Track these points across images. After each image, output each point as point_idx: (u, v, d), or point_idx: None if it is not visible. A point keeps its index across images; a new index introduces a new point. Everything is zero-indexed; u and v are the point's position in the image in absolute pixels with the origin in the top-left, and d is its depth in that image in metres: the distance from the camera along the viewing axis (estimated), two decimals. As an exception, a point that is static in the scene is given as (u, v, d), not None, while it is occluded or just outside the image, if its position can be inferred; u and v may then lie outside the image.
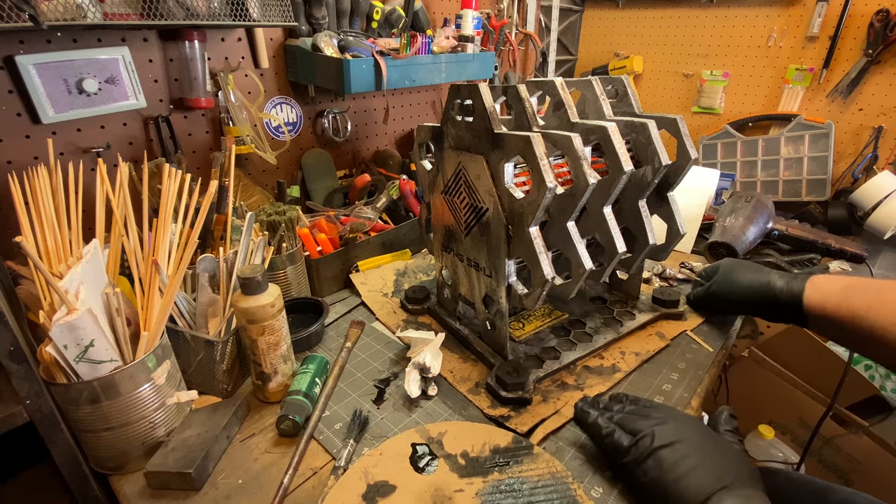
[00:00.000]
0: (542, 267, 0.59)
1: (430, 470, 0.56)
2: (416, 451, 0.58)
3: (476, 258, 0.71)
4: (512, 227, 0.62)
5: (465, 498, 0.52)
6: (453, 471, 0.55)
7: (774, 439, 1.40)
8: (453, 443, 0.59)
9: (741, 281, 0.77)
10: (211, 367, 0.66)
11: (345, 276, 0.96)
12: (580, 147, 0.58)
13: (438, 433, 0.60)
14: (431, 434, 0.60)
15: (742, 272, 0.78)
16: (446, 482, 0.54)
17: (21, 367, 0.51)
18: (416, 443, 0.59)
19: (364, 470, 0.55)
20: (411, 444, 0.59)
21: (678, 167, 0.72)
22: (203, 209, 0.66)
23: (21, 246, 0.46)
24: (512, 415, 0.64)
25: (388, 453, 0.58)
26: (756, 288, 0.74)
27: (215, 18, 0.79)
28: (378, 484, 0.54)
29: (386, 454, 0.58)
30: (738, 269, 0.79)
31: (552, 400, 0.66)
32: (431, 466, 0.56)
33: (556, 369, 0.71)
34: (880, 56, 1.42)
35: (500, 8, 1.57)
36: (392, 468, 0.56)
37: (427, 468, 0.56)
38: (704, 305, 0.84)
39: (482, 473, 0.55)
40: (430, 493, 0.53)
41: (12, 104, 0.77)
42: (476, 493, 0.53)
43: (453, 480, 0.54)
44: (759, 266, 0.79)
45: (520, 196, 0.60)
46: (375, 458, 0.57)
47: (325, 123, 1.20)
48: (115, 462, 0.56)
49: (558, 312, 0.84)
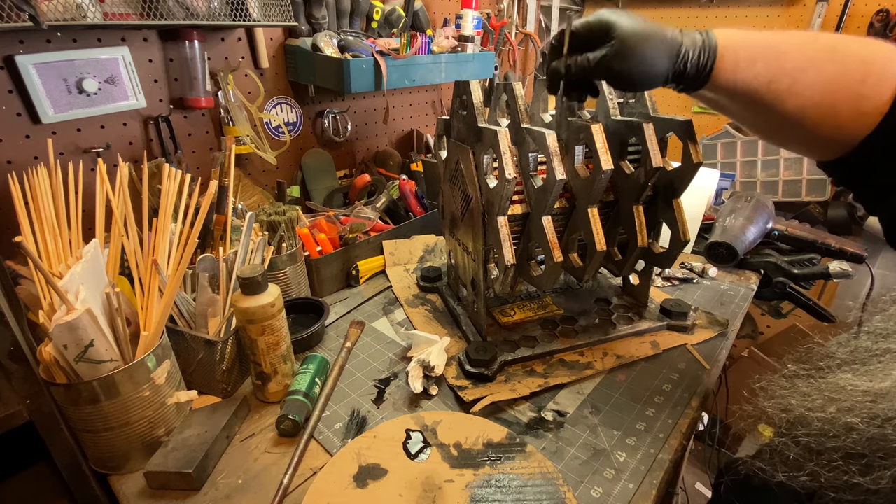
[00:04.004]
0: (504, 253, 0.64)
1: (422, 457, 0.56)
2: (409, 437, 0.59)
3: (467, 243, 0.75)
4: (487, 214, 0.67)
5: (455, 489, 0.52)
6: (445, 460, 0.56)
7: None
8: (447, 433, 0.59)
9: (655, 61, 0.50)
10: (211, 367, 0.66)
11: (345, 276, 0.96)
12: (553, 144, 0.61)
13: (433, 421, 0.61)
14: (426, 422, 0.61)
15: (653, 48, 0.50)
16: (437, 471, 0.54)
17: (21, 367, 0.51)
18: (410, 429, 0.60)
19: (357, 451, 0.56)
20: (406, 430, 0.59)
21: (682, 172, 0.69)
22: (203, 209, 0.66)
23: (21, 246, 0.46)
24: (469, 387, 0.68)
25: (382, 436, 0.58)
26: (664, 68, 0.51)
27: (215, 18, 0.79)
28: (370, 466, 0.54)
29: (380, 437, 0.58)
30: (647, 44, 0.50)
31: (513, 382, 0.69)
32: (424, 454, 0.57)
33: (527, 356, 0.73)
34: (880, 56, 1.42)
35: (500, 8, 1.57)
36: (385, 452, 0.56)
37: (420, 455, 0.57)
38: (577, 80, 0.55)
39: (474, 466, 0.55)
40: (421, 480, 0.53)
41: (12, 104, 0.77)
42: (466, 485, 0.53)
43: (444, 470, 0.55)
44: (661, 29, 0.51)
45: (493, 185, 0.64)
46: (369, 441, 0.57)
47: (325, 123, 1.20)
48: (114, 462, 0.56)
49: (554, 307, 0.85)
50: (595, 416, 0.65)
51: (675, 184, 0.71)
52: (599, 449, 0.60)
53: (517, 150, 0.68)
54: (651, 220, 0.76)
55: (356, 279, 0.96)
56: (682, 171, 0.69)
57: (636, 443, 0.61)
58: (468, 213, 0.71)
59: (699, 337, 0.80)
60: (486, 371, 0.69)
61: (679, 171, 0.69)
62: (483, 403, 0.65)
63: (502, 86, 0.71)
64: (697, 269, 1.01)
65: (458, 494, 0.52)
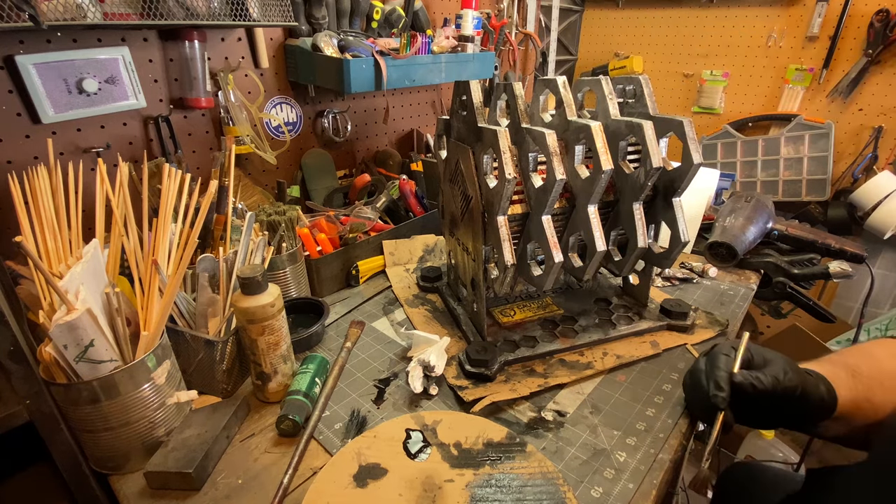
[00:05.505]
0: (504, 253, 0.64)
1: (422, 457, 0.56)
2: (409, 437, 0.59)
3: (467, 243, 0.74)
4: (487, 214, 0.67)
5: (455, 489, 0.52)
6: (445, 460, 0.56)
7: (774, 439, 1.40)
8: (448, 432, 0.59)
9: None
10: (211, 367, 0.66)
11: (345, 276, 0.96)
12: (553, 144, 0.61)
13: (433, 421, 0.61)
14: (426, 421, 0.61)
15: None
16: (437, 471, 0.54)
17: (21, 367, 0.51)
18: (410, 428, 0.60)
19: (357, 451, 0.56)
20: (406, 430, 0.59)
21: (682, 171, 0.69)
22: (203, 209, 0.66)
23: (21, 246, 0.46)
24: (469, 387, 0.68)
25: (382, 436, 0.58)
26: None
27: (215, 18, 0.79)
28: (370, 466, 0.54)
29: (380, 437, 0.58)
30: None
31: (513, 382, 0.69)
32: (424, 453, 0.57)
33: (527, 356, 0.73)
34: (880, 56, 1.42)
35: (500, 8, 1.57)
36: (385, 451, 0.56)
37: (420, 455, 0.56)
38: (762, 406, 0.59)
39: (474, 466, 0.55)
40: (421, 480, 0.53)
41: (12, 104, 0.77)
42: (466, 484, 0.53)
43: (444, 470, 0.54)
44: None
45: (493, 185, 0.65)
46: (369, 440, 0.57)
47: (325, 123, 1.20)
48: (114, 462, 0.56)
49: (554, 307, 0.85)
50: (595, 416, 0.65)
51: (675, 184, 0.71)
52: (599, 449, 0.60)
53: (517, 150, 0.68)
54: (651, 220, 0.76)
55: (356, 279, 0.96)
56: (682, 171, 0.69)
57: (636, 443, 0.61)
58: (468, 213, 0.71)
59: (699, 337, 0.80)
60: (486, 371, 0.69)
61: (679, 171, 0.69)
62: (483, 403, 0.65)
63: (502, 86, 0.71)
64: (697, 269, 1.01)
65: (459, 494, 0.52)
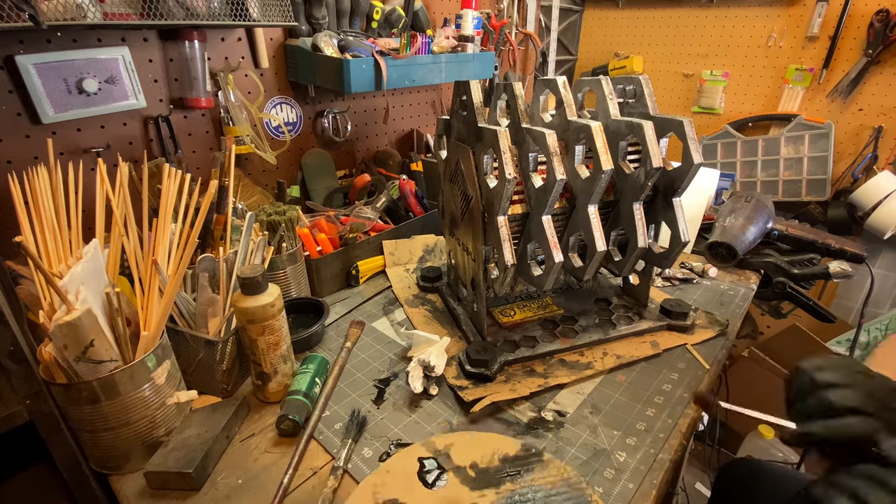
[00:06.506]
0: (504, 253, 0.64)
1: (440, 484, 0.54)
2: (423, 466, 0.56)
3: (467, 243, 0.75)
4: (487, 214, 0.67)
5: None
6: (464, 484, 0.54)
7: (774, 439, 1.40)
8: (461, 454, 0.57)
9: None
10: (211, 367, 0.66)
11: (345, 276, 0.96)
12: (553, 144, 0.61)
13: (445, 445, 0.59)
14: (438, 447, 0.59)
15: None
16: (459, 496, 0.52)
17: (21, 367, 0.51)
18: (422, 457, 0.57)
19: (372, 490, 0.53)
20: (418, 459, 0.57)
21: (682, 171, 0.69)
22: (203, 209, 0.66)
23: (21, 246, 0.46)
24: (469, 387, 0.68)
25: (394, 470, 0.56)
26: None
27: (215, 18, 0.79)
28: (388, 503, 0.52)
29: (392, 471, 0.55)
30: None
31: (513, 382, 0.69)
32: (441, 481, 0.54)
33: (527, 356, 0.73)
34: (880, 56, 1.42)
35: (500, 8, 1.57)
36: (400, 485, 0.54)
37: (437, 483, 0.54)
38: None
39: (494, 485, 0.53)
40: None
41: (12, 104, 0.77)
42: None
43: (465, 494, 0.53)
44: None
45: (493, 185, 0.65)
46: (382, 477, 0.55)
47: (325, 123, 1.20)
48: (114, 462, 0.56)
49: (554, 307, 0.85)
50: (595, 416, 0.65)
51: (675, 184, 0.71)
52: (599, 449, 0.60)
53: (517, 150, 0.68)
54: (651, 220, 0.76)
55: (356, 279, 0.96)
56: (682, 171, 0.69)
57: (636, 443, 0.61)
58: (468, 213, 0.71)
59: (699, 337, 0.80)
60: (486, 371, 0.69)
61: (679, 171, 0.70)
62: (483, 403, 0.64)
63: (502, 86, 0.71)
64: (697, 269, 1.01)
65: None
